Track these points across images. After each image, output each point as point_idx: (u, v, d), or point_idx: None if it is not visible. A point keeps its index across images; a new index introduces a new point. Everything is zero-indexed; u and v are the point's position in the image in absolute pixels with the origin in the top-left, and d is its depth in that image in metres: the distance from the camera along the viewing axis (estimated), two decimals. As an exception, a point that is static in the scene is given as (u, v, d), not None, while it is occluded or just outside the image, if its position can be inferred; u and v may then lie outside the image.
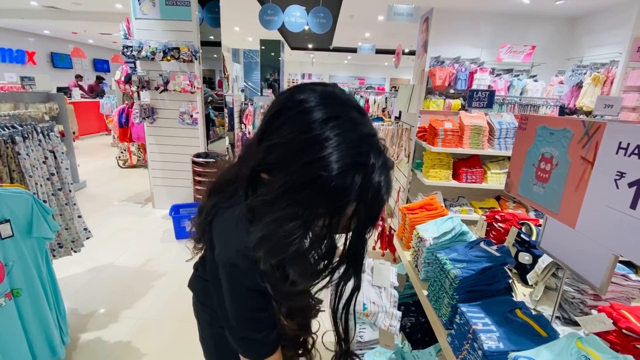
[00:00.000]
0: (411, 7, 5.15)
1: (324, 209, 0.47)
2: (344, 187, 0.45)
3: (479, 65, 5.56)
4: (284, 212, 0.47)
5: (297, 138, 0.47)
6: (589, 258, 0.80)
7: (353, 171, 0.45)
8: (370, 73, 16.82)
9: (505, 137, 2.21)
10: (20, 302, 1.57)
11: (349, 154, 0.45)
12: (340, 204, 0.46)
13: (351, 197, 0.46)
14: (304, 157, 0.46)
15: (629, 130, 0.68)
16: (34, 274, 1.60)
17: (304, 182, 0.46)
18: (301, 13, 5.18)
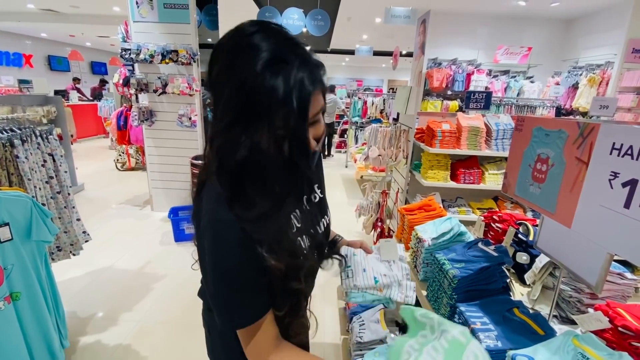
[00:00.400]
0: (408, 10, 5.19)
1: (259, 111, 0.49)
2: (269, 85, 0.48)
3: (476, 66, 5.60)
4: (226, 122, 0.51)
5: (226, 64, 0.51)
6: (584, 257, 0.81)
7: (275, 69, 0.48)
8: (368, 75, 16.87)
9: (502, 138, 2.23)
10: (20, 305, 1.56)
11: (268, 57, 0.49)
12: (270, 102, 0.48)
13: (279, 94, 0.48)
14: (232, 73, 0.50)
15: (622, 130, 0.69)
16: (33, 277, 1.60)
17: (235, 92, 0.49)
18: (299, 16, 5.21)
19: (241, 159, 0.52)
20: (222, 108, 0.52)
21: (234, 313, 0.58)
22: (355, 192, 5.03)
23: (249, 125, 0.50)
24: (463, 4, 5.45)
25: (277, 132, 0.50)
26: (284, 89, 0.48)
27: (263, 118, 0.49)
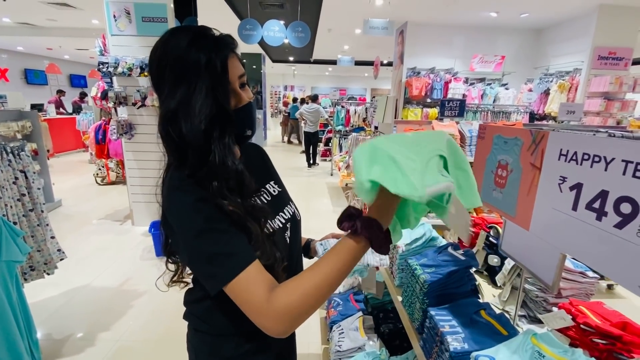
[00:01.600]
0: (386, 21, 5.33)
1: (188, 76, 0.60)
2: (195, 56, 0.60)
3: (453, 75, 5.79)
4: (168, 92, 0.62)
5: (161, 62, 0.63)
6: (542, 258, 0.85)
7: (197, 45, 0.61)
8: (352, 84, 17.14)
9: (476, 144, 2.31)
10: (-12, 329, 1.50)
11: (190, 37, 0.61)
12: (197, 66, 0.60)
13: (202, 60, 0.60)
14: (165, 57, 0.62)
15: (567, 138, 0.74)
16: (3, 299, 1.54)
17: (169, 68, 0.61)
18: (280, 27, 5.28)
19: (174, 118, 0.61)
20: (160, 87, 0.63)
21: (220, 268, 0.57)
22: (341, 199, 5.06)
23: (181, 92, 0.60)
24: (438, 15, 5.65)
25: (206, 90, 0.60)
26: (206, 56, 0.60)
27: (192, 82, 0.60)
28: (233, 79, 0.65)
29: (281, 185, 0.88)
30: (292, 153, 9.35)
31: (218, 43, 0.63)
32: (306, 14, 5.83)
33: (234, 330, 0.70)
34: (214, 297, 0.61)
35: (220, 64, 0.61)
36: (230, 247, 0.58)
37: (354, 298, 1.63)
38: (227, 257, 0.57)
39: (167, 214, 0.64)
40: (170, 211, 0.63)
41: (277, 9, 5.87)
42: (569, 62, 5.35)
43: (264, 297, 0.54)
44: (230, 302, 0.58)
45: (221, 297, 0.58)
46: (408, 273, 1.13)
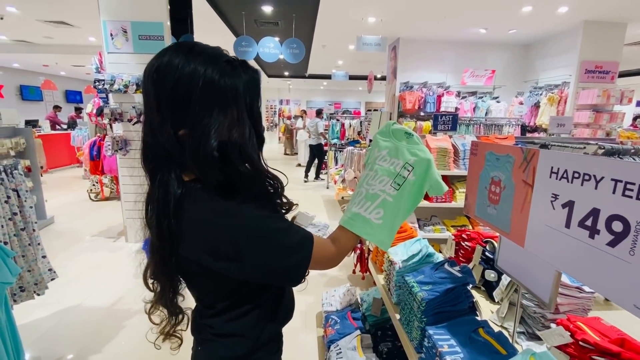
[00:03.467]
0: (378, 38, 5.46)
1: (226, 102, 0.62)
2: (231, 82, 0.62)
3: (445, 89, 5.90)
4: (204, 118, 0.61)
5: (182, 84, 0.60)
6: (538, 274, 0.85)
7: (232, 72, 0.63)
8: (346, 97, 17.37)
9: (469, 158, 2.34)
10: (-26, 355, 1.45)
11: (215, 66, 0.61)
12: (235, 94, 0.62)
13: (237, 89, 0.62)
14: (192, 86, 0.60)
15: (557, 156, 0.76)
16: (-10, 322, 1.50)
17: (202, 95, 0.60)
18: (275, 44, 5.38)
19: (215, 147, 0.61)
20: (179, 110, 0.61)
21: (302, 251, 0.65)
22: (337, 213, 5.05)
23: (230, 117, 0.62)
24: (429, 31, 5.80)
25: (245, 116, 0.64)
26: (243, 83, 0.63)
27: (232, 109, 0.62)
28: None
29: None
30: (289, 167, 9.37)
31: (248, 68, 0.66)
32: (301, 31, 5.96)
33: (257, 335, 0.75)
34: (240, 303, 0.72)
35: (257, 87, 0.66)
36: (300, 231, 0.67)
37: (352, 316, 1.61)
38: (303, 239, 0.66)
39: (222, 238, 0.60)
40: (227, 234, 0.60)
41: (272, 27, 5.99)
42: (557, 75, 5.49)
43: (334, 250, 0.69)
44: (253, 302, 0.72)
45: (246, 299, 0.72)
46: (405, 290, 1.13)
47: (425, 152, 0.76)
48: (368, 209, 0.71)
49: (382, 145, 0.80)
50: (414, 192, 0.74)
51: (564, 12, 4.65)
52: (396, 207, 0.72)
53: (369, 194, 0.73)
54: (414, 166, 0.73)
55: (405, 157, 0.75)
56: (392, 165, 0.75)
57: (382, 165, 0.76)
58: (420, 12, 4.81)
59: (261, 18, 5.58)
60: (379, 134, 0.83)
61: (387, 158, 0.77)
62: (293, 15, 5.35)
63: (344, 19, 5.22)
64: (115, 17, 3.46)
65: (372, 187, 0.73)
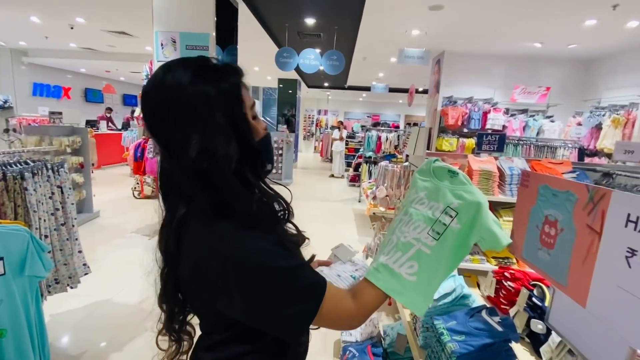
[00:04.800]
0: (422, 51, 5.29)
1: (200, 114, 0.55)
2: (202, 90, 0.55)
3: (492, 105, 5.55)
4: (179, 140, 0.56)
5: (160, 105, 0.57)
6: (603, 344, 0.68)
7: (201, 77, 0.56)
8: (385, 110, 17.13)
9: (517, 183, 2.11)
10: (4, 343, 1.52)
11: (194, 69, 0.56)
12: (208, 101, 0.55)
13: (212, 93, 0.55)
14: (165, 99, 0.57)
15: (637, 201, 0.60)
16: (21, 314, 1.56)
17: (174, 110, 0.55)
18: (315, 56, 5.41)
19: (199, 164, 0.55)
20: (162, 134, 0.58)
21: (309, 300, 0.55)
22: (367, 228, 4.88)
23: (197, 134, 0.55)
24: (477, 45, 5.53)
25: (223, 126, 0.55)
26: (216, 89, 0.55)
27: (205, 119, 0.54)
28: (247, 111, 0.60)
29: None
30: (322, 177, 9.34)
31: (225, 71, 0.58)
32: (342, 43, 5.96)
33: None
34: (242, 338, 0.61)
35: (235, 94, 0.57)
36: (309, 275, 0.57)
37: (372, 351, 1.47)
38: (312, 286, 0.56)
39: (225, 275, 0.54)
40: (220, 257, 0.54)
41: (314, 39, 6.05)
42: (624, 95, 4.94)
43: (353, 307, 0.58)
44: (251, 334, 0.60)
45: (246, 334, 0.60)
46: (433, 335, 0.99)
47: (474, 194, 0.63)
48: (398, 260, 0.59)
49: (420, 186, 0.68)
50: (458, 244, 0.61)
51: (634, 27, 4.18)
52: (435, 262, 0.59)
53: (401, 243, 0.61)
54: (459, 211, 0.60)
55: (447, 199, 0.62)
56: (430, 209, 0.63)
57: (418, 209, 0.64)
58: (469, 25, 4.59)
59: (304, 30, 5.66)
60: (418, 172, 0.71)
61: (425, 201, 0.65)
62: (335, 28, 5.36)
63: (387, 32, 5.12)
64: (166, 28, 3.66)
65: (404, 234, 0.61)
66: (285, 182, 7.74)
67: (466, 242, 0.61)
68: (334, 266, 0.85)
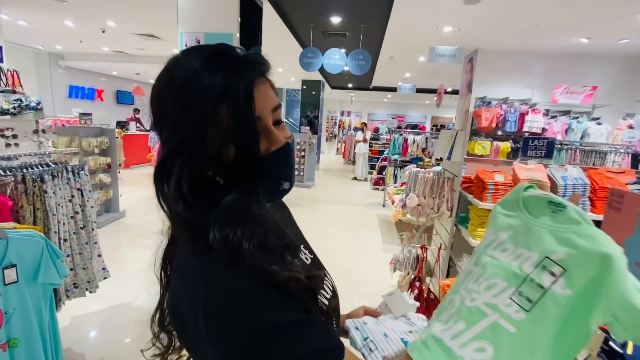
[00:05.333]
0: (454, 48, 5.00)
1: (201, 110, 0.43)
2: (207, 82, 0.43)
3: (530, 106, 5.16)
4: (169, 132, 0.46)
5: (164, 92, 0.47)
6: None
7: (210, 66, 0.44)
8: (411, 111, 16.69)
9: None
10: (16, 353, 1.46)
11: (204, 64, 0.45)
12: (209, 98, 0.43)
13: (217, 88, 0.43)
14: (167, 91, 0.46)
15: None
16: (34, 322, 1.51)
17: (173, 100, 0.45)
18: (340, 55, 5.25)
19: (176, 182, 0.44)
20: (162, 127, 0.47)
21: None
22: (392, 236, 4.66)
23: (185, 128, 0.43)
24: (514, 42, 5.16)
25: (227, 132, 0.43)
26: (223, 80, 0.43)
27: (204, 114, 0.42)
28: (264, 113, 0.48)
29: (311, 250, 0.67)
30: (344, 179, 9.16)
31: (241, 63, 0.46)
32: (368, 42, 5.76)
33: None
34: None
35: (244, 90, 0.44)
36: (319, 336, 0.42)
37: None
38: (322, 354, 0.41)
39: (189, 300, 0.43)
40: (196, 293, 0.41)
41: (340, 38, 5.89)
42: (685, 95, 4.43)
43: None
44: None
45: None
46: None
47: (597, 240, 0.39)
48: (460, 336, 0.40)
49: (501, 224, 0.48)
50: (569, 324, 0.38)
51: (702, 17, 3.72)
52: (524, 348, 0.38)
53: (466, 309, 0.42)
54: (567, 267, 0.39)
55: (547, 246, 0.41)
56: (517, 259, 0.43)
57: (497, 257, 0.45)
58: (507, 20, 4.27)
59: (329, 29, 5.51)
60: (500, 204, 0.51)
61: (509, 246, 0.45)
62: (362, 26, 5.18)
63: (416, 29, 4.88)
64: (191, 29, 3.63)
65: (472, 295, 0.43)
66: (307, 184, 7.62)
67: (583, 322, 0.37)
68: (382, 319, 0.68)
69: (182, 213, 0.44)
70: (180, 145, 0.44)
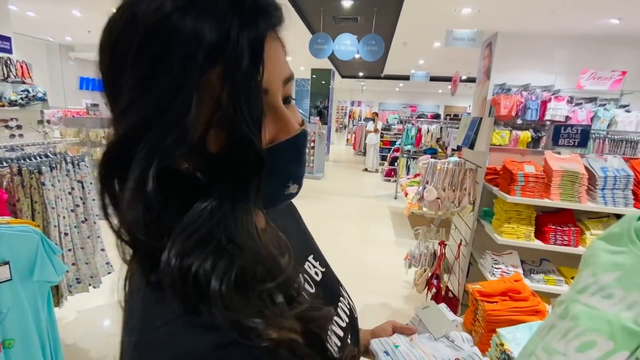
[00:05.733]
0: (473, 32, 4.73)
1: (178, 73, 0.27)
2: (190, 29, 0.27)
3: (553, 93, 4.88)
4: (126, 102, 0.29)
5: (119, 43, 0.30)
6: None
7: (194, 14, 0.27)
8: (423, 100, 16.28)
9: (612, 189, 1.66)
10: (12, 354, 1.39)
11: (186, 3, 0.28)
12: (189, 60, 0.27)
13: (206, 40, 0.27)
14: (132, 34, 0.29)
15: None
16: (30, 322, 1.43)
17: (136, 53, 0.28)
18: (352, 41, 5.04)
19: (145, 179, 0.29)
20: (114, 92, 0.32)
21: None
22: (405, 229, 4.50)
23: (153, 99, 0.28)
24: (537, 24, 4.85)
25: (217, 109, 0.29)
26: (217, 29, 0.27)
27: (183, 80, 0.27)
28: (273, 84, 0.33)
29: (323, 261, 0.54)
30: (354, 171, 8.99)
31: (245, 5, 0.29)
32: (381, 27, 5.51)
33: None
34: None
35: (249, 46, 0.28)
36: None
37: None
38: None
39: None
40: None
41: (351, 23, 5.66)
42: None
43: None
44: None
45: None
46: None
47: None
48: None
49: (604, 263, 0.36)
50: None
51: None
52: None
53: None
54: None
55: None
56: (630, 309, 0.31)
57: (596, 306, 0.34)
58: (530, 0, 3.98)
59: (340, 14, 5.29)
60: (603, 238, 0.39)
61: (615, 291, 0.33)
62: (374, 10, 4.94)
63: (433, 12, 4.62)
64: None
65: (556, 358, 0.32)
66: (316, 175, 7.49)
67: None
68: (418, 340, 0.55)
69: (138, 226, 0.29)
70: (146, 122, 0.28)
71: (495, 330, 0.91)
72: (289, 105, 0.36)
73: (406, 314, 2.50)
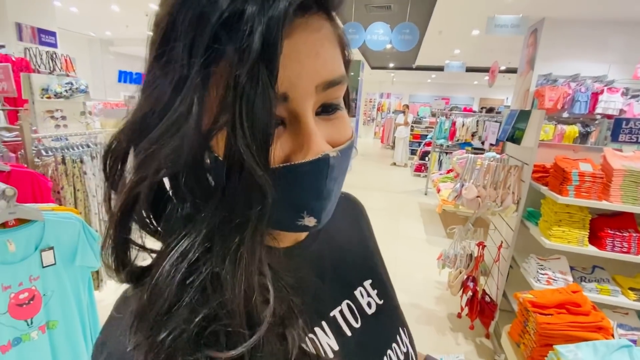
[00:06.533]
0: (517, 18, 4.41)
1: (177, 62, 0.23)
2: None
3: (606, 84, 4.47)
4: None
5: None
6: None
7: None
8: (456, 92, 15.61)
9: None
10: (55, 335, 1.46)
11: None
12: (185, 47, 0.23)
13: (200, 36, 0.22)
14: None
15: None
16: (72, 305, 1.50)
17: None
18: (384, 30, 4.86)
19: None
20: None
21: None
22: (436, 226, 4.34)
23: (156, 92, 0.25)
24: (589, 9, 4.43)
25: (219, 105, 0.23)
26: (219, 10, 0.22)
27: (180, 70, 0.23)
28: (298, 89, 0.26)
29: (385, 292, 0.45)
30: (382, 164, 8.81)
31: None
32: (415, 15, 5.28)
33: None
34: None
35: (262, 35, 0.22)
36: None
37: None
38: None
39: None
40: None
41: (384, 11, 5.47)
42: None
43: None
44: None
45: None
46: None
47: None
48: None
49: None
50: None
51: None
52: None
53: None
54: None
55: None
56: None
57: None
58: (585, -20, 3.63)
59: (372, 2, 5.11)
60: None
61: None
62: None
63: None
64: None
65: None
66: (344, 169, 7.40)
67: None
68: None
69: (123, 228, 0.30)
70: (145, 121, 0.27)
71: (551, 345, 0.81)
72: (329, 116, 0.30)
73: (438, 316, 2.40)
